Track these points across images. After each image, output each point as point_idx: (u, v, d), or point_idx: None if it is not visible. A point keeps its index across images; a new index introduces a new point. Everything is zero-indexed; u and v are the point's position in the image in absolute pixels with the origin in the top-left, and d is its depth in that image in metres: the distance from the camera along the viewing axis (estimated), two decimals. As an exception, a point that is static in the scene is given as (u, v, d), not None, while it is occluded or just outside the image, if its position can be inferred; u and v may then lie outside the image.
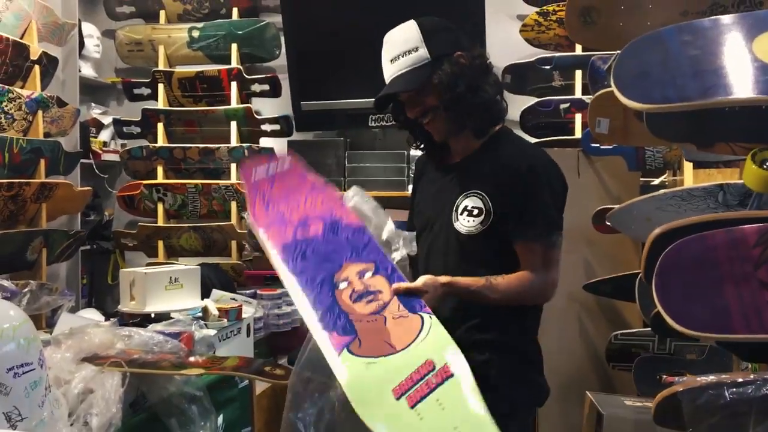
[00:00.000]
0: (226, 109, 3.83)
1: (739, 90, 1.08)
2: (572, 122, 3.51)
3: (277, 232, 1.67)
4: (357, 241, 1.63)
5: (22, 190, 3.11)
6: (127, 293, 2.50)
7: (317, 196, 1.74)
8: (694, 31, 1.18)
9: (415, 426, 1.33)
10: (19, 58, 3.22)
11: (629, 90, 1.15)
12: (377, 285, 1.56)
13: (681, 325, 1.11)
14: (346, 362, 1.43)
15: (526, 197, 1.64)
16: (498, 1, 3.85)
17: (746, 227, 1.13)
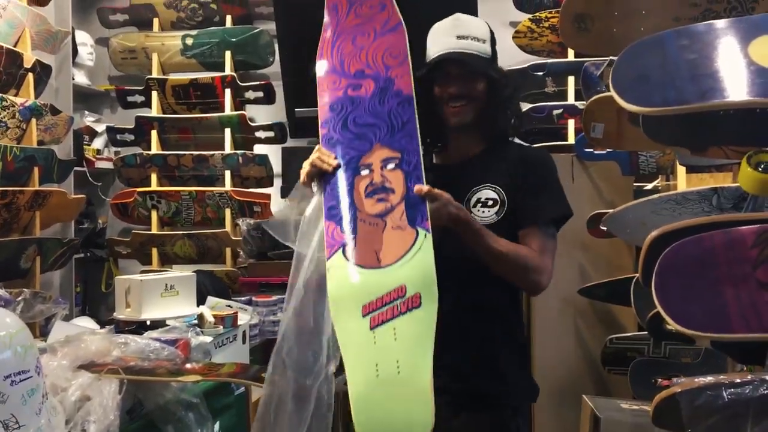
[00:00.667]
0: (220, 116, 3.84)
1: (736, 93, 1.09)
2: (565, 128, 3.53)
3: (331, 82, 1.69)
4: (398, 115, 1.62)
5: (15, 198, 3.10)
6: (122, 300, 2.49)
7: (384, 41, 1.70)
8: (691, 35, 1.19)
9: (367, 349, 1.43)
10: (12, 66, 3.22)
11: (628, 93, 1.17)
12: (394, 181, 1.57)
13: (680, 324, 1.12)
14: (334, 264, 1.50)
15: (533, 185, 1.68)
16: (491, 8, 3.86)
17: (744, 228, 1.14)
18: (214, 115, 3.85)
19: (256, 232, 3.49)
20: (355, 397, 1.41)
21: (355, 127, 1.63)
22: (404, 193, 1.55)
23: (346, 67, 1.69)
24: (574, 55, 3.54)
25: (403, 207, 1.54)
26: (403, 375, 1.40)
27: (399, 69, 1.66)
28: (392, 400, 1.40)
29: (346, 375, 1.44)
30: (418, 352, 1.41)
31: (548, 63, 3.65)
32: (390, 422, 1.41)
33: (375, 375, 1.41)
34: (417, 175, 1.56)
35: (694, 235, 1.16)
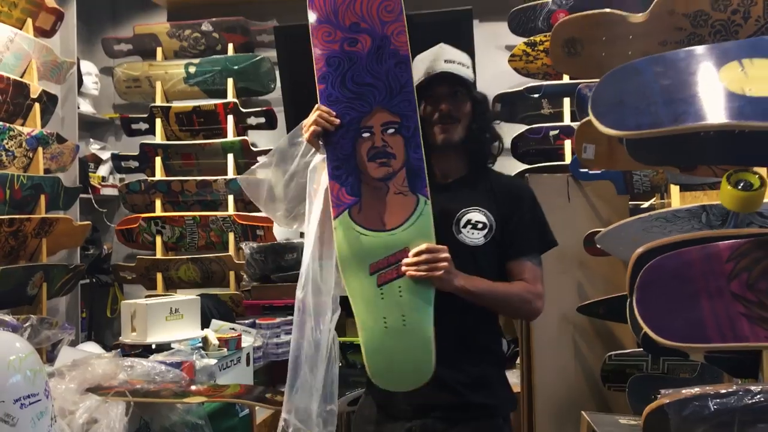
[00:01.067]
0: (222, 142, 3.90)
1: (706, 117, 1.15)
2: (562, 148, 3.59)
3: (326, 33, 1.67)
4: (396, 77, 1.66)
5: (23, 226, 3.16)
6: (128, 324, 2.53)
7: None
8: (666, 62, 1.25)
9: (376, 304, 1.61)
10: (19, 97, 3.29)
11: (605, 118, 1.23)
12: (394, 146, 1.65)
13: (660, 336, 1.17)
14: (341, 223, 1.63)
15: (525, 219, 1.76)
16: (487, 33, 3.96)
17: (720, 244, 1.19)
18: (216, 141, 3.91)
19: (259, 256, 3.53)
20: (366, 346, 1.62)
21: (354, 85, 1.66)
22: (405, 159, 1.65)
23: (341, 18, 1.67)
24: (569, 78, 3.60)
25: (404, 173, 1.65)
26: (408, 327, 1.60)
27: (395, 25, 1.66)
28: (399, 349, 1.61)
29: (357, 324, 1.62)
30: (421, 308, 1.60)
31: (544, 85, 3.71)
32: (397, 367, 1.62)
33: (383, 326, 1.61)
34: (416, 142, 1.65)
35: (673, 251, 1.20)
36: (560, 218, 2.87)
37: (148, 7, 4.39)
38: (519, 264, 1.73)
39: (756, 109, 1.11)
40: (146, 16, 4.42)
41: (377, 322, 1.62)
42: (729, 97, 1.16)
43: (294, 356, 1.67)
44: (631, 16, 1.89)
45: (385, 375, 1.64)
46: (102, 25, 4.47)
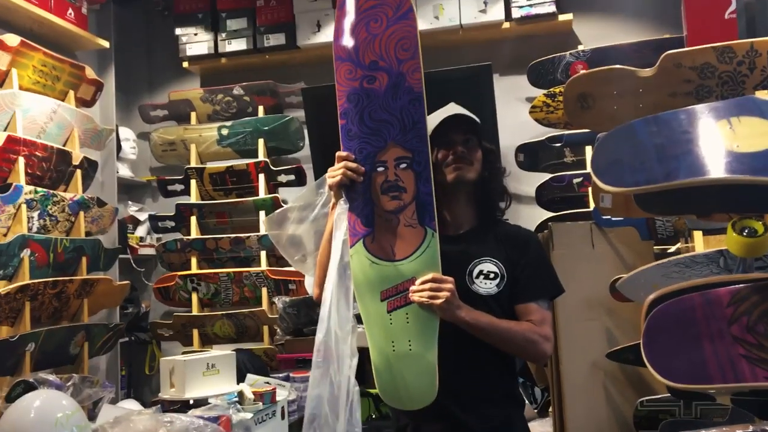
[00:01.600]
0: (254, 200, 4.03)
1: (698, 172, 1.22)
2: (586, 195, 3.63)
3: (347, 71, 1.77)
4: (409, 114, 1.75)
5: (65, 287, 3.29)
6: (167, 381, 2.61)
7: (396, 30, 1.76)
8: (659, 122, 1.33)
9: (386, 328, 1.72)
10: (62, 164, 3.47)
11: (604, 176, 1.31)
12: (406, 181, 1.75)
13: (666, 378, 1.22)
14: (356, 252, 1.74)
15: (532, 264, 1.82)
16: (507, 86, 4.07)
17: (720, 289, 1.25)
18: (249, 199, 4.04)
19: (292, 310, 3.61)
20: (376, 365, 1.73)
21: (371, 121, 1.76)
22: (415, 193, 1.75)
23: (361, 57, 1.76)
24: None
25: (414, 206, 1.75)
26: (414, 352, 1.70)
27: (410, 63, 1.75)
28: (405, 372, 1.71)
29: (369, 345, 1.73)
30: (426, 335, 1.70)
31: (565, 134, 3.79)
32: (403, 388, 1.72)
33: (392, 350, 1.71)
34: (426, 176, 1.75)
35: (676, 297, 1.26)
36: (586, 265, 2.93)
37: (182, 74, 4.60)
38: (526, 307, 1.78)
39: (743, 164, 1.18)
40: (180, 82, 4.63)
41: (386, 345, 1.72)
42: (719, 154, 1.23)
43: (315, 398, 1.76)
44: (639, 71, 1.97)
45: (392, 393, 1.74)
46: (139, 92, 4.69)
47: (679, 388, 1.25)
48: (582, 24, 4.07)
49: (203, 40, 4.36)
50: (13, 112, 3.23)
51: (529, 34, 4.07)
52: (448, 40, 4.13)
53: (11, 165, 3.19)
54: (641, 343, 1.28)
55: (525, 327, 1.76)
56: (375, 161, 1.76)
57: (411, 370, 1.72)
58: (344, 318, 1.75)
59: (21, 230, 3.13)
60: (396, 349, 1.72)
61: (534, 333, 1.74)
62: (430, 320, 1.71)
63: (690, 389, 1.28)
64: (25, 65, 3.32)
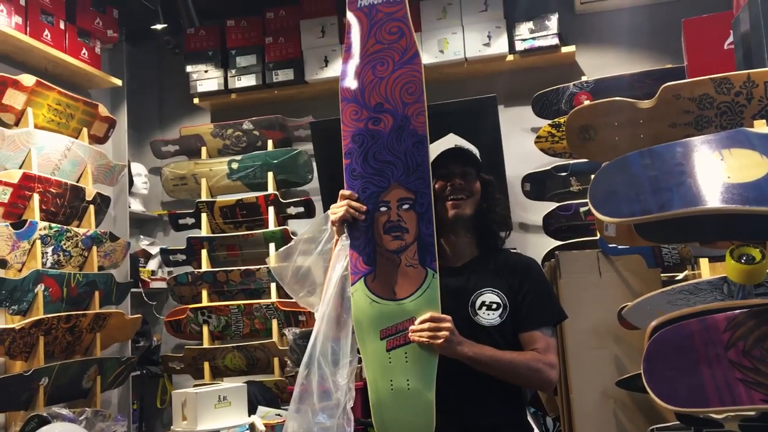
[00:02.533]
0: (264, 232, 4.07)
1: (690, 203, 1.25)
2: (593, 224, 3.64)
3: (353, 112, 1.80)
4: (413, 156, 1.78)
5: (78, 322, 3.33)
6: (179, 413, 2.64)
7: (402, 74, 1.80)
8: (653, 155, 1.37)
9: (384, 366, 1.73)
10: (75, 200, 3.53)
11: (601, 207, 1.35)
12: (408, 221, 1.77)
13: (666, 402, 1.25)
14: (357, 290, 1.75)
15: (533, 291, 1.83)
16: (512, 117, 4.13)
17: (717, 315, 1.28)
18: (259, 232, 4.09)
19: (302, 341, 3.62)
20: (374, 404, 1.74)
21: (375, 162, 1.79)
22: (417, 234, 1.77)
23: (367, 98, 1.80)
24: (592, 157, 3.71)
25: (416, 247, 1.77)
26: (412, 391, 1.72)
27: (415, 106, 1.79)
28: (402, 409, 1.73)
29: (368, 381, 1.74)
30: (425, 373, 1.72)
31: (571, 164, 3.83)
32: (401, 424, 1.73)
33: (390, 388, 1.73)
34: (428, 218, 1.78)
35: (675, 324, 1.29)
36: (593, 293, 2.95)
37: (193, 110, 4.69)
38: (530, 335, 1.79)
39: (735, 195, 1.22)
40: (191, 118, 4.71)
41: (385, 383, 1.74)
42: (711, 185, 1.27)
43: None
44: (639, 103, 2.00)
45: (389, 430, 1.75)
46: (150, 129, 4.78)
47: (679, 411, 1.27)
48: (585, 55, 4.14)
49: (213, 77, 4.46)
50: (28, 150, 3.30)
51: (532, 66, 4.14)
52: (452, 73, 4.20)
53: (26, 202, 3.25)
54: (642, 369, 1.30)
55: (528, 356, 1.77)
56: (378, 201, 1.78)
57: (409, 408, 1.74)
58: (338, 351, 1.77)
59: (35, 266, 3.19)
60: (394, 387, 1.73)
61: (538, 362, 1.75)
62: (429, 359, 1.74)
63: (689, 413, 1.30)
64: (40, 104, 3.41)
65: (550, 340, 1.80)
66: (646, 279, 2.93)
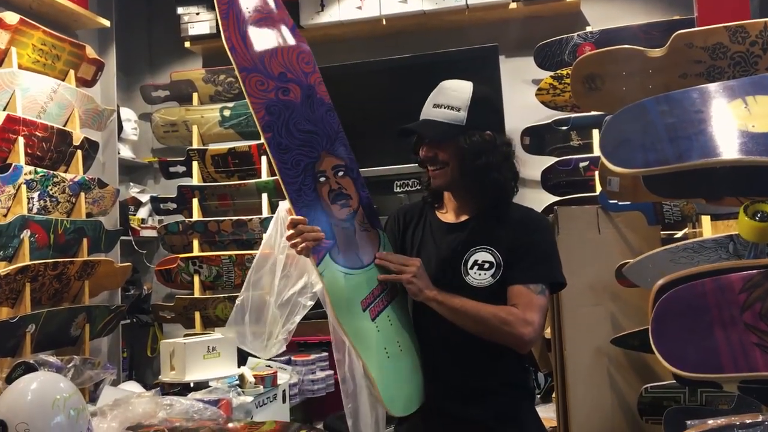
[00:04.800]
0: (257, 182, 3.99)
1: (711, 153, 1.18)
2: (592, 179, 3.58)
3: (259, 83, 1.67)
4: (329, 124, 1.75)
5: (66, 269, 3.27)
6: (167, 363, 2.60)
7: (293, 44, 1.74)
8: (670, 101, 1.29)
9: (374, 337, 1.68)
10: (62, 145, 3.43)
11: (613, 156, 1.27)
12: (347, 187, 1.75)
13: (675, 366, 1.18)
14: (326, 268, 1.66)
15: (526, 245, 1.72)
16: (512, 68, 4.02)
17: (732, 275, 1.21)
18: (251, 182, 4.00)
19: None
20: (379, 380, 1.66)
21: (298, 132, 1.71)
22: (359, 198, 1.76)
23: (269, 67, 1.69)
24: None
25: (362, 211, 1.76)
26: (404, 351, 1.71)
27: (314, 75, 1.75)
28: (403, 373, 1.70)
29: (363, 362, 1.66)
30: (408, 331, 1.75)
31: (572, 117, 3.74)
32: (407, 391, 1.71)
33: (386, 357, 1.69)
34: (361, 182, 1.77)
35: (688, 283, 1.22)
36: (591, 250, 2.89)
37: (184, 54, 4.55)
38: (515, 288, 1.68)
39: (759, 145, 1.14)
40: (182, 63, 4.58)
41: (381, 355, 1.68)
42: (733, 134, 1.18)
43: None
44: (649, 51, 1.92)
45: (400, 401, 1.70)
46: (140, 73, 4.65)
47: (691, 377, 1.22)
48: (590, 5, 4.01)
49: (205, 20, 4.31)
50: (12, 92, 3.19)
51: (536, 14, 4.01)
52: (453, 21, 4.07)
53: (11, 145, 3.15)
54: (650, 330, 1.24)
55: (502, 308, 1.65)
56: (315, 172, 1.72)
57: (407, 369, 1.72)
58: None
59: (21, 211, 3.10)
60: (390, 354, 1.70)
61: (510, 314, 1.63)
62: (407, 313, 1.74)
63: (701, 379, 1.25)
64: (25, 44, 3.28)
65: (536, 297, 1.66)
66: (645, 236, 2.87)
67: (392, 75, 3.85)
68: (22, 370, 2.81)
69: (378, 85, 4.11)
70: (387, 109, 3.27)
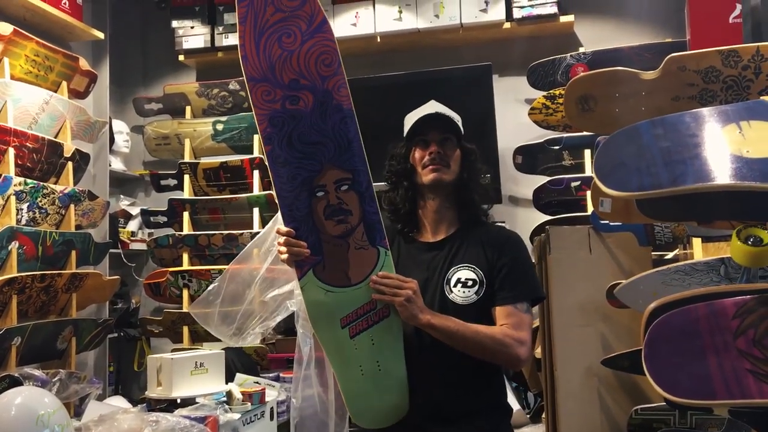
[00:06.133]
0: (248, 197, 3.97)
1: (705, 177, 1.18)
2: (584, 199, 3.59)
3: (265, 93, 1.63)
4: (343, 133, 1.64)
5: (54, 281, 3.24)
6: (154, 379, 2.57)
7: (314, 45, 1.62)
8: (665, 125, 1.29)
9: (350, 354, 1.68)
10: (53, 156, 3.41)
11: (608, 179, 1.27)
12: (350, 202, 1.68)
13: (668, 392, 1.18)
14: (307, 283, 1.67)
15: (509, 265, 1.74)
16: (506, 87, 4.04)
17: (726, 300, 1.20)
18: (243, 196, 3.98)
19: (284, 309, 3.56)
20: (346, 393, 1.70)
21: (301, 145, 1.64)
22: (361, 214, 1.68)
23: (279, 76, 1.62)
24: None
25: (363, 228, 1.68)
26: (383, 371, 1.68)
27: (335, 79, 1.63)
28: (377, 391, 1.69)
29: (335, 373, 1.70)
30: (393, 352, 1.69)
31: (564, 137, 3.75)
32: (377, 407, 1.70)
33: (360, 374, 1.68)
34: (370, 195, 1.69)
35: (680, 307, 1.22)
36: (582, 270, 2.89)
37: (177, 67, 4.55)
38: (502, 310, 1.70)
39: (753, 171, 1.14)
40: (176, 76, 4.58)
41: (354, 371, 1.69)
42: (727, 159, 1.19)
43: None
44: (642, 73, 1.93)
45: (367, 415, 1.72)
46: (133, 85, 4.64)
47: (683, 403, 1.21)
48: (583, 26, 4.04)
49: (200, 34, 4.32)
50: (4, 102, 3.18)
51: (529, 35, 4.03)
52: (447, 40, 4.09)
53: (1, 156, 3.13)
54: (642, 355, 1.23)
55: (497, 330, 1.68)
56: (313, 186, 1.66)
57: (383, 388, 1.70)
58: None
59: (9, 222, 3.08)
60: (365, 372, 1.69)
61: (506, 336, 1.66)
62: (396, 335, 1.69)
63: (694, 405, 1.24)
64: (18, 54, 3.27)
65: (524, 316, 1.70)
66: (636, 257, 2.87)
67: (386, 92, 3.85)
68: (6, 383, 2.78)
69: (372, 102, 4.10)
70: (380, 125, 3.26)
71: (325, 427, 1.82)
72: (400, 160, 1.85)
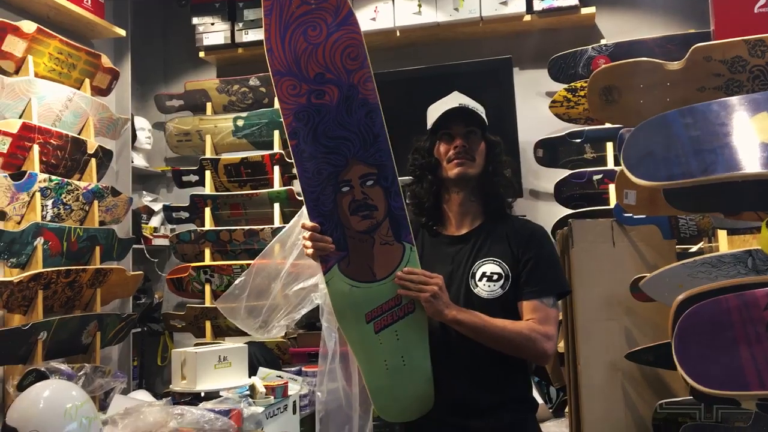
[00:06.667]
0: (269, 192, 3.99)
1: (736, 166, 1.16)
2: (606, 193, 3.56)
3: (291, 87, 1.62)
4: (368, 128, 1.63)
5: (78, 277, 3.27)
6: (178, 373, 2.59)
7: (340, 38, 1.61)
8: (695, 113, 1.27)
9: (375, 349, 1.69)
10: (77, 153, 3.45)
11: (637, 169, 1.25)
12: (375, 198, 1.66)
13: (700, 384, 1.17)
14: (332, 278, 1.68)
15: (534, 259, 1.73)
16: (526, 80, 4.01)
17: (757, 291, 1.19)
18: (263, 191, 4.00)
19: (305, 303, 3.57)
20: (371, 387, 1.71)
21: (326, 140, 1.63)
22: (386, 210, 1.67)
23: (304, 69, 1.61)
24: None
25: (388, 223, 1.67)
26: (408, 366, 1.69)
27: (360, 72, 1.62)
28: (401, 386, 1.70)
29: (360, 367, 1.72)
30: (418, 347, 1.68)
31: (586, 130, 3.72)
32: (402, 401, 1.71)
33: (385, 368, 1.69)
34: (396, 190, 1.67)
35: (711, 298, 1.20)
36: (605, 263, 2.87)
37: (198, 64, 4.58)
38: (528, 305, 1.70)
39: (787, 159, 1.12)
40: (197, 73, 4.61)
41: (379, 365, 1.70)
42: (758, 147, 1.17)
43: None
44: (667, 64, 1.90)
45: (392, 409, 1.73)
46: (155, 82, 4.68)
47: (716, 394, 1.19)
48: (605, 18, 4.00)
49: (220, 30, 4.33)
50: (28, 100, 3.21)
51: (550, 27, 4.01)
52: (467, 33, 4.07)
53: (26, 153, 3.17)
54: (673, 347, 1.22)
55: (523, 325, 1.67)
56: (339, 181, 1.65)
57: (408, 383, 1.70)
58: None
59: (35, 218, 3.12)
60: (389, 367, 1.70)
61: (533, 331, 1.65)
62: (421, 330, 1.69)
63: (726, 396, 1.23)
64: (41, 52, 3.30)
65: (550, 310, 1.70)
66: (660, 250, 2.84)
67: (406, 86, 3.84)
68: (33, 377, 2.82)
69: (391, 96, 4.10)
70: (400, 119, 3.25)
71: (349, 421, 1.82)
72: (425, 154, 1.84)
